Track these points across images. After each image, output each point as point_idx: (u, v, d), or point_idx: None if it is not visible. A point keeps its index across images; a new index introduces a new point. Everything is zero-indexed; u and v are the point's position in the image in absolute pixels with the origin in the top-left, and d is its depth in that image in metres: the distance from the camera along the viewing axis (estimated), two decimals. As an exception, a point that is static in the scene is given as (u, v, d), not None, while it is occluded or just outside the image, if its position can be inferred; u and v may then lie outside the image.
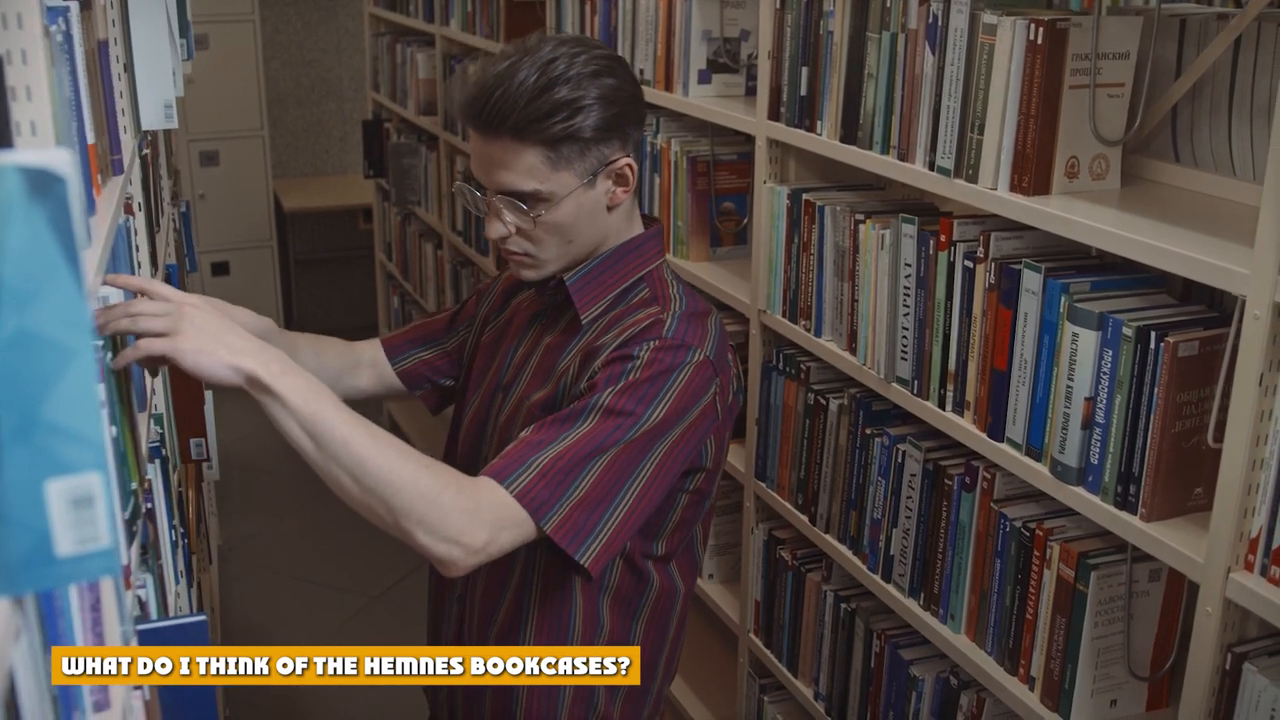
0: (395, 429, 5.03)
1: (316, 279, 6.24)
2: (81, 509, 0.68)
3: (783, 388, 2.28)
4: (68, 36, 1.38)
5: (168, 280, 2.77)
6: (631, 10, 2.68)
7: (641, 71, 2.67)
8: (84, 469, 0.67)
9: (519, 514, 1.37)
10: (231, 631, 3.79)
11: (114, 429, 1.29)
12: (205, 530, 3.48)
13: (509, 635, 1.60)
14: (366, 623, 3.85)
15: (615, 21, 2.78)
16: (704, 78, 2.52)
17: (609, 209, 1.53)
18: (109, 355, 1.33)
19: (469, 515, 1.34)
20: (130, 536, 1.39)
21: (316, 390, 1.33)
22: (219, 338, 1.31)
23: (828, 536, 2.18)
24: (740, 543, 2.53)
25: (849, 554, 2.13)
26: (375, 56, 5.14)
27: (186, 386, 2.44)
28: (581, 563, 1.40)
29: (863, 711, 2.16)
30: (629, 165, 1.52)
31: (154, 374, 1.57)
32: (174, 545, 2.00)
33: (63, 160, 0.63)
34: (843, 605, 2.18)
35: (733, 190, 2.60)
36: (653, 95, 2.62)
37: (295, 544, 4.30)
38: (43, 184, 0.62)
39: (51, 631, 0.97)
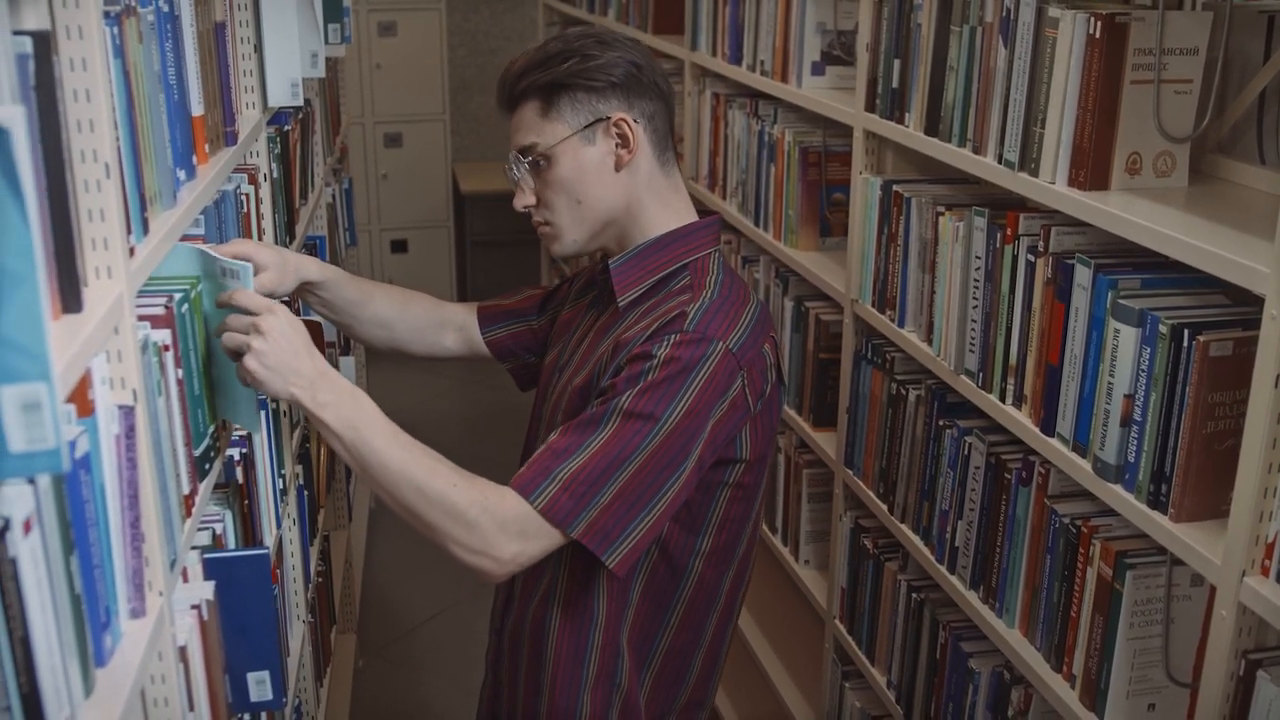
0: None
1: (490, 259, 6.45)
2: (31, 413, 0.80)
3: (870, 377, 2.30)
4: (169, 16, 1.53)
5: (313, 250, 2.97)
6: (756, 2, 2.73)
7: (762, 62, 2.72)
8: (32, 378, 0.79)
9: (545, 526, 1.45)
10: (370, 586, 4.01)
11: (179, 372, 1.44)
12: (347, 490, 3.69)
13: (544, 605, 1.66)
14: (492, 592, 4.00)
15: (743, 14, 2.83)
16: (817, 69, 2.55)
17: (617, 169, 1.56)
18: (185, 303, 1.48)
19: (496, 529, 1.44)
20: (202, 473, 1.54)
21: (359, 416, 1.48)
22: (284, 363, 1.47)
23: (903, 526, 2.20)
24: (831, 530, 2.56)
25: (920, 544, 2.14)
26: (547, 46, 5.31)
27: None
28: (608, 564, 1.46)
29: (927, 702, 2.17)
30: (626, 122, 1.55)
31: None
32: (280, 492, 2.16)
33: (11, 115, 0.74)
34: (914, 595, 2.20)
35: (844, 181, 2.62)
36: (769, 86, 2.67)
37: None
38: (-8, 134, 0.74)
39: (80, 538, 1.11)
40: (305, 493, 2.60)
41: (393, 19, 5.98)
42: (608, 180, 1.57)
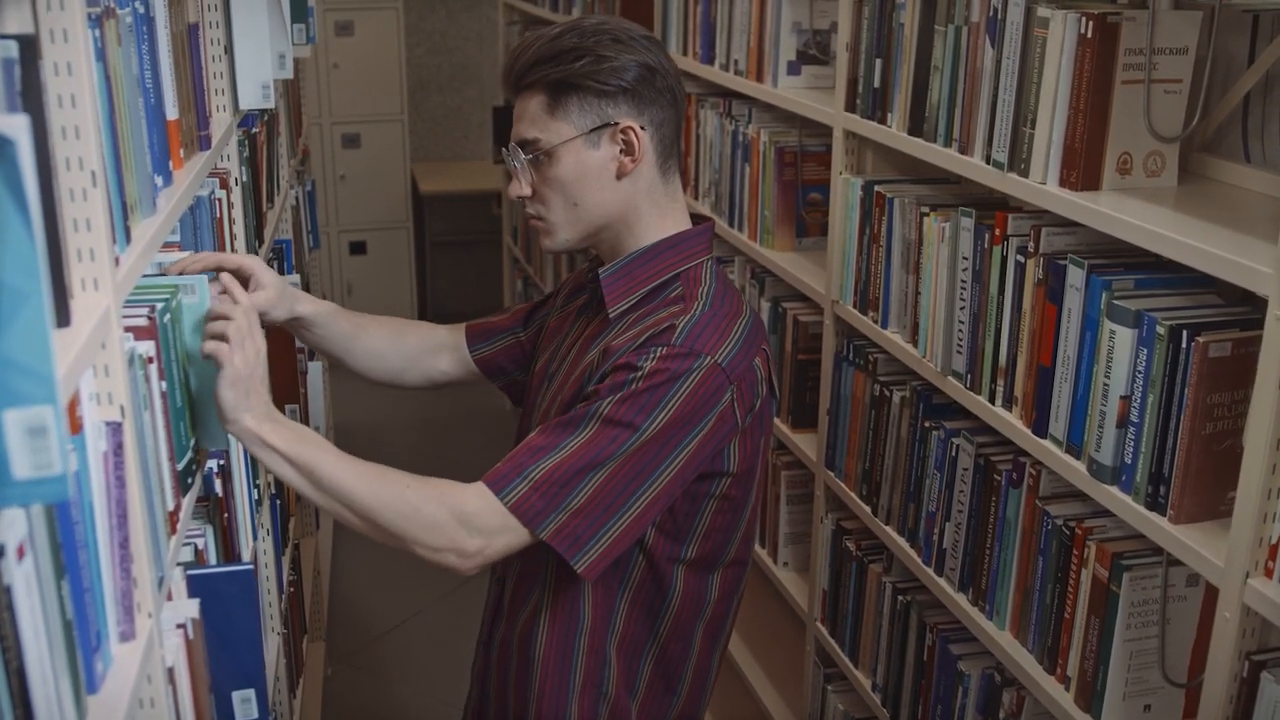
0: (517, 411, 5.16)
1: (450, 260, 6.40)
2: (36, 438, 0.76)
3: (852, 378, 2.29)
4: (145, 19, 1.49)
5: (280, 254, 2.92)
6: (730, 1, 2.71)
7: (735, 62, 2.70)
8: (38, 402, 0.75)
9: (512, 522, 1.43)
10: (337, 593, 3.95)
11: (163, 385, 1.39)
12: (314, 495, 3.63)
13: (532, 614, 1.64)
14: (465, 595, 3.96)
15: (715, 13, 2.81)
16: (793, 69, 2.53)
17: (619, 178, 1.53)
18: (167, 313, 1.44)
19: (456, 523, 1.43)
20: (184, 488, 1.50)
21: (303, 438, 1.47)
22: (249, 395, 1.46)
23: (888, 528, 2.19)
24: (811, 532, 2.55)
25: (906, 546, 2.13)
26: (507, 44, 5.27)
27: (280, 355, 2.57)
28: (576, 568, 1.44)
29: (914, 704, 2.16)
30: (634, 130, 1.51)
31: None
32: (255, 503, 2.11)
33: (15, 126, 0.70)
34: (900, 598, 2.19)
35: (820, 181, 2.60)
36: (743, 85, 2.65)
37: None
38: (-4, 145, 0.70)
39: (70, 561, 1.07)
40: (277, 501, 2.55)
41: (349, 18, 5.91)
42: (607, 186, 1.54)
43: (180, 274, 1.56)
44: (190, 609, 1.45)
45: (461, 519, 1.43)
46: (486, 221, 6.22)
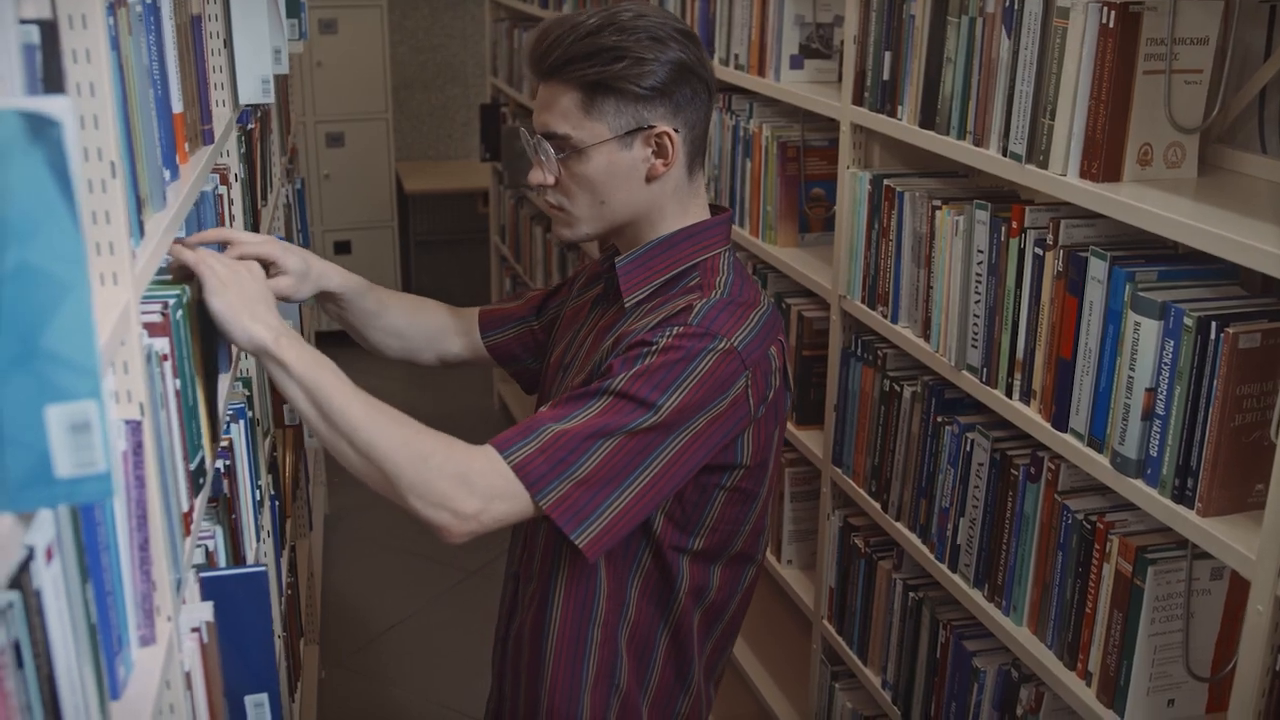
0: (505, 410, 5.12)
1: (436, 260, 6.37)
2: (79, 434, 0.73)
3: (860, 374, 2.27)
4: (152, 9, 1.46)
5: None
6: (729, -5, 2.69)
7: (736, 56, 2.68)
8: (81, 396, 0.72)
9: (515, 486, 1.39)
10: (329, 595, 3.91)
11: (177, 383, 1.36)
12: (307, 497, 3.59)
13: (542, 607, 1.62)
14: (458, 596, 3.93)
15: (714, 7, 2.79)
16: (796, 63, 2.51)
17: (648, 180, 1.51)
18: (179, 309, 1.40)
19: (458, 481, 1.38)
20: (196, 489, 1.46)
21: (320, 363, 1.43)
22: (250, 305, 1.43)
23: (898, 524, 2.17)
24: (817, 529, 2.53)
25: (918, 542, 2.11)
26: (494, 41, 5.23)
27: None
28: (577, 543, 1.41)
29: (927, 702, 2.14)
30: (668, 134, 1.49)
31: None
32: (257, 504, 2.08)
33: (61, 106, 0.67)
34: (911, 594, 2.17)
35: (823, 176, 2.59)
36: (745, 80, 2.63)
37: (401, 516, 4.39)
38: (41, 127, 0.67)
39: (93, 564, 1.03)
40: (276, 503, 2.52)
41: (333, 16, 5.86)
42: (636, 187, 1.52)
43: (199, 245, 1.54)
44: (205, 612, 1.42)
45: (463, 477, 1.39)
46: (472, 220, 6.19)
